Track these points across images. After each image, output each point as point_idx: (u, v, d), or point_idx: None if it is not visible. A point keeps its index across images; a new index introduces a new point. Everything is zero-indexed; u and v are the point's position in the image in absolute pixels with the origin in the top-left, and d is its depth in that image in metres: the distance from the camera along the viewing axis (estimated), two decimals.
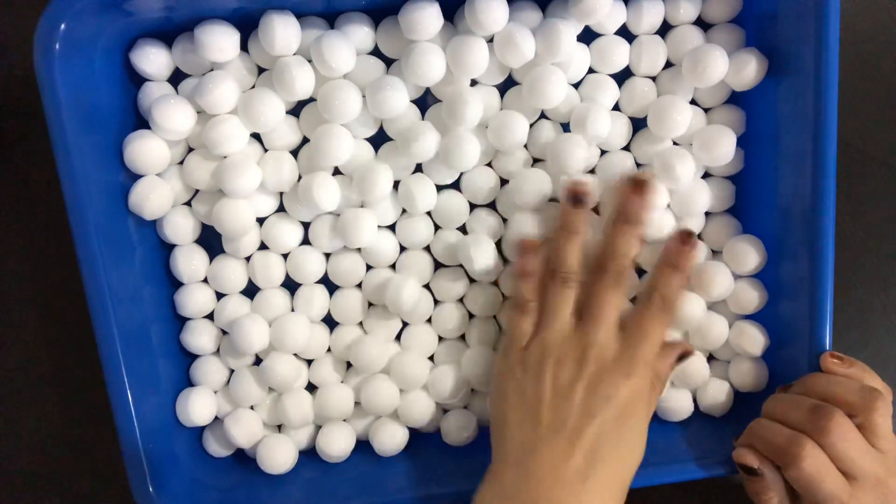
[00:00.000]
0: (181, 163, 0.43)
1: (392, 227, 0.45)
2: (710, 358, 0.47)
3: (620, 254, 0.40)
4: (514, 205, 0.44)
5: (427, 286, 0.45)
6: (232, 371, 0.46)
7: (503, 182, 0.44)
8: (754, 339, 0.44)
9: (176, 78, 0.43)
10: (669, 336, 0.44)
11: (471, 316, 0.46)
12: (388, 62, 0.43)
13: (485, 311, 0.45)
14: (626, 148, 0.45)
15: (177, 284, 0.45)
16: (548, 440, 0.37)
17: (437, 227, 0.45)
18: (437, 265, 0.45)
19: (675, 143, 0.44)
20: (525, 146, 0.44)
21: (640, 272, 0.45)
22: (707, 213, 0.46)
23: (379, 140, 0.44)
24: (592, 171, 0.44)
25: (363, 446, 0.46)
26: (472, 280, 0.45)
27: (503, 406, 0.39)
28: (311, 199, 0.42)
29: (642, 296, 0.40)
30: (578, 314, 0.40)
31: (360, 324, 0.46)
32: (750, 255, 0.44)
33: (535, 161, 0.44)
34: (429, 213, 0.45)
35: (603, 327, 0.39)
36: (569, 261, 0.40)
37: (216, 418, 0.46)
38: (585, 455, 0.37)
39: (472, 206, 0.45)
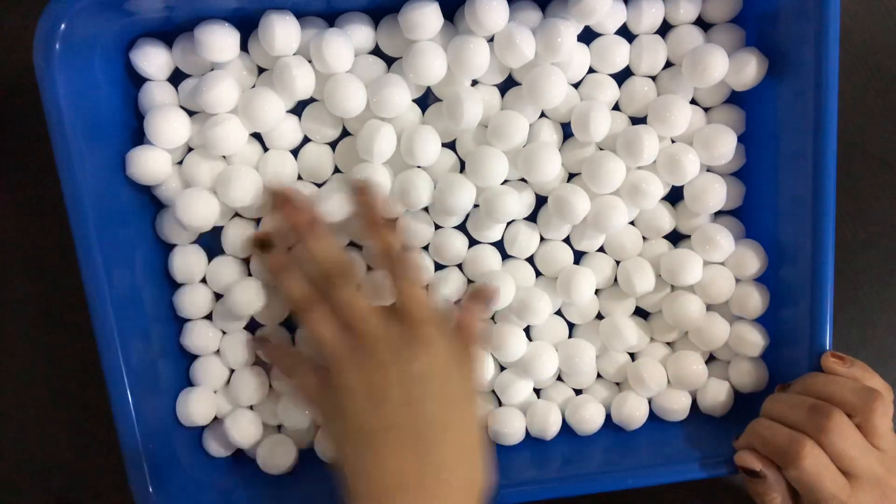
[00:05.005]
0: (180, 163, 0.43)
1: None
2: (711, 358, 0.47)
3: (325, 259, 0.38)
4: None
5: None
6: (232, 371, 0.46)
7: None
8: (754, 340, 0.44)
9: (176, 78, 0.43)
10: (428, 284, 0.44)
11: None
12: (389, 61, 0.43)
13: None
14: None
15: (176, 285, 0.45)
16: (379, 449, 0.34)
17: (436, 227, 0.45)
18: (437, 266, 0.46)
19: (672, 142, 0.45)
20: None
21: None
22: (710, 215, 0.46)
23: None
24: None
25: None
26: (470, 280, 0.45)
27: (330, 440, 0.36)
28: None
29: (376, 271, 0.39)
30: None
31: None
32: (750, 259, 0.44)
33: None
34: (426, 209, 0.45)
35: (357, 310, 0.37)
36: (294, 295, 0.39)
37: (216, 418, 0.46)
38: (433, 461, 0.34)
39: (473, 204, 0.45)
